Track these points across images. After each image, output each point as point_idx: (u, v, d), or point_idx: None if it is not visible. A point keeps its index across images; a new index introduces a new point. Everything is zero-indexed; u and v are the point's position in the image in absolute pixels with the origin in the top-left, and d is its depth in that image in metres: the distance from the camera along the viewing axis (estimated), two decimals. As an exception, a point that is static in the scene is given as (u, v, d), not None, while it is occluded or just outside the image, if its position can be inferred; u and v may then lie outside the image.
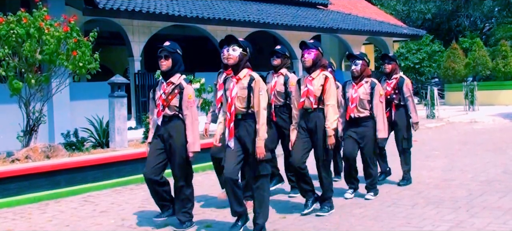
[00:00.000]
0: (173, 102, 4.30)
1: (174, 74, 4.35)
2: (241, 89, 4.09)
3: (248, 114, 4.09)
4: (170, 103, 4.29)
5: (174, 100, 4.30)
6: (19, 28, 6.29)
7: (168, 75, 4.35)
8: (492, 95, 18.29)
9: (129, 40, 12.00)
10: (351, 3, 22.06)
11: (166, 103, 4.29)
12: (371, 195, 5.30)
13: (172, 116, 4.31)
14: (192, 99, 4.31)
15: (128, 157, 6.71)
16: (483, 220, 4.34)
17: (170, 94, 4.29)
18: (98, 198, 5.87)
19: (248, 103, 4.07)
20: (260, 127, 4.03)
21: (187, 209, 4.40)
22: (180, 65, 4.40)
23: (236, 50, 4.09)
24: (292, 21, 14.69)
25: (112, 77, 7.55)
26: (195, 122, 4.31)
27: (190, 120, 4.29)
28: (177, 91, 4.30)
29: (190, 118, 4.29)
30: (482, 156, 7.90)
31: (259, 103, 4.04)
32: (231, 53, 4.09)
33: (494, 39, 25.05)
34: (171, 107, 4.31)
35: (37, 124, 6.77)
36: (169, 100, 4.29)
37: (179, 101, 4.30)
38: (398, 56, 23.56)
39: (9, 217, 5.15)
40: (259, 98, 4.04)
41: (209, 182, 6.56)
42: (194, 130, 4.28)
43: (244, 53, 4.12)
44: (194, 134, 4.28)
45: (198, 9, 13.14)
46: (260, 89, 4.06)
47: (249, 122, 4.09)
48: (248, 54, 4.16)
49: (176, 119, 4.31)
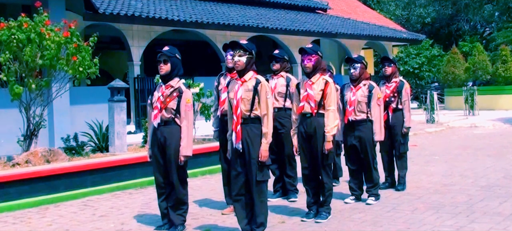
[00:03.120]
0: (170, 105, 4.32)
1: (173, 78, 4.39)
2: (246, 91, 4.08)
3: (250, 118, 4.09)
4: (167, 106, 4.32)
5: (172, 103, 4.32)
6: (20, 33, 6.31)
7: (167, 79, 4.38)
8: (492, 100, 18.31)
9: (129, 45, 12.02)
10: (350, 7, 22.11)
11: (163, 105, 4.31)
12: (372, 200, 5.30)
13: (169, 119, 4.34)
14: (190, 104, 4.33)
15: (128, 161, 6.70)
16: (484, 226, 4.33)
17: (168, 96, 4.32)
18: (98, 203, 5.87)
19: (251, 107, 4.08)
20: (268, 130, 4.07)
21: (181, 212, 4.43)
22: (179, 70, 4.42)
23: (242, 55, 4.12)
24: (291, 26, 14.72)
25: (112, 82, 7.56)
26: (190, 126, 4.34)
27: (186, 124, 4.32)
28: (175, 94, 4.32)
29: (185, 122, 4.32)
30: (482, 161, 7.89)
31: (266, 106, 4.07)
32: (239, 59, 4.11)
33: (494, 44, 25.10)
34: (168, 110, 4.33)
35: (37, 128, 6.77)
36: (167, 103, 4.31)
37: (177, 105, 4.32)
38: (397, 60, 23.62)
39: (9, 221, 5.15)
40: (266, 101, 4.07)
41: (208, 186, 6.56)
42: (188, 134, 4.31)
43: (250, 57, 4.15)
44: (187, 138, 4.31)
45: (198, 14, 13.17)
46: (267, 92, 4.10)
47: (251, 126, 4.08)
48: (254, 57, 4.20)
49: (173, 124, 4.34)
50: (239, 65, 4.11)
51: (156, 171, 4.46)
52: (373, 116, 5.24)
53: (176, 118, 4.34)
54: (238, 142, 4.07)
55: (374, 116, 5.24)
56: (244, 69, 4.11)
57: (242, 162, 4.09)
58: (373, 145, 5.32)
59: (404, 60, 23.16)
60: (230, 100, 4.18)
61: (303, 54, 4.70)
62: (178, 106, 4.31)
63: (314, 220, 4.66)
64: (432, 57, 23.56)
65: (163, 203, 4.46)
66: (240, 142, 4.06)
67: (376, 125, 5.25)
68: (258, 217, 4.09)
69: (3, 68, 6.38)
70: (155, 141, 4.41)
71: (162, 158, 4.39)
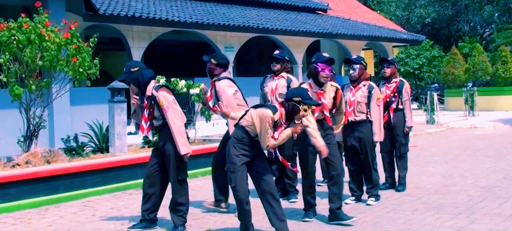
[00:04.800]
0: (155, 113, 4.38)
1: (146, 88, 4.40)
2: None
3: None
4: (154, 115, 4.38)
5: (155, 111, 4.37)
6: (20, 34, 6.31)
7: (143, 92, 4.41)
8: (492, 101, 18.31)
9: (129, 46, 12.02)
10: (350, 8, 22.11)
11: (151, 116, 4.39)
12: (372, 201, 5.30)
13: (161, 124, 4.39)
14: (166, 105, 4.30)
15: (128, 162, 6.70)
16: (484, 227, 4.33)
17: (150, 107, 4.37)
18: (98, 203, 5.87)
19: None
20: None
21: (181, 213, 4.43)
22: (142, 77, 4.39)
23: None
24: (292, 26, 14.72)
25: (112, 83, 7.57)
26: (176, 126, 4.29)
27: (171, 126, 4.30)
28: (153, 102, 4.36)
29: (171, 124, 4.30)
30: (482, 161, 7.89)
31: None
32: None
33: (494, 45, 25.10)
34: (156, 118, 4.40)
35: (38, 129, 6.77)
36: (152, 113, 4.39)
37: (159, 111, 4.35)
38: (397, 61, 23.61)
39: (9, 222, 5.15)
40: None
41: (208, 186, 6.55)
42: (177, 134, 4.29)
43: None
44: (178, 138, 4.29)
45: (198, 14, 13.17)
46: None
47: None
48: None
49: (166, 126, 4.35)
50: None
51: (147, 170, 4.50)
52: (372, 117, 5.24)
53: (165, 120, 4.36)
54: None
55: (373, 116, 5.24)
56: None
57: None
58: (373, 145, 5.32)
59: (404, 61, 23.13)
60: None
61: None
62: (161, 111, 4.33)
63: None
64: (432, 58, 23.54)
65: (145, 205, 4.52)
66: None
67: (375, 125, 5.25)
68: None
69: (3, 69, 6.38)
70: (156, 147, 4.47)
71: (160, 159, 4.42)
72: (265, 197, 4.01)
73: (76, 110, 9.57)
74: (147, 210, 4.53)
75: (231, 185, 4.00)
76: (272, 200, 4.00)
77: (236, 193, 3.95)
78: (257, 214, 4.56)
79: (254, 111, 3.96)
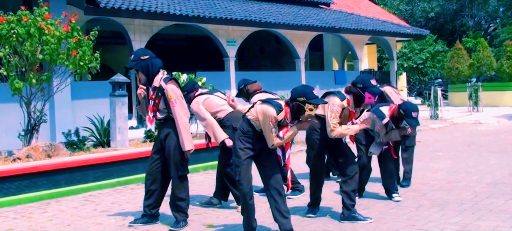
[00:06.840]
0: (160, 106, 4.29)
1: (154, 78, 4.30)
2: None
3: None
4: (159, 108, 4.29)
5: (161, 103, 4.29)
6: (19, 27, 6.25)
7: (150, 82, 4.32)
8: (496, 96, 18.18)
9: (130, 39, 11.95)
10: (353, 2, 21.96)
11: (155, 108, 4.29)
12: (397, 196, 5.22)
13: (164, 118, 4.32)
14: (174, 99, 4.23)
15: (129, 156, 6.66)
16: (490, 223, 4.26)
17: (156, 98, 4.28)
18: (99, 198, 5.83)
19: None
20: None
21: (182, 208, 4.39)
22: (152, 67, 4.31)
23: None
24: (294, 21, 14.62)
25: (113, 77, 7.51)
26: (182, 121, 4.23)
27: (177, 120, 4.24)
28: (160, 94, 4.27)
29: (177, 118, 4.24)
30: (487, 157, 7.82)
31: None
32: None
33: (498, 40, 24.95)
34: (160, 110, 4.31)
35: (38, 123, 6.73)
36: (157, 105, 4.29)
37: (165, 104, 4.27)
38: (400, 56, 23.50)
39: (10, 216, 5.11)
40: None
41: (210, 181, 6.50)
42: (182, 129, 4.23)
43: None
44: (183, 134, 4.23)
45: (200, 8, 13.08)
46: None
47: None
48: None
49: (169, 120, 4.30)
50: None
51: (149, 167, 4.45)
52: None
53: (170, 114, 4.29)
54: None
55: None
56: None
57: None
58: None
59: (408, 55, 23.03)
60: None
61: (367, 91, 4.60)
62: (167, 104, 4.26)
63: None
64: (436, 53, 23.42)
65: (147, 201, 4.47)
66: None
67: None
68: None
69: (3, 62, 6.33)
70: (157, 138, 4.41)
71: (161, 154, 4.37)
72: (270, 192, 3.96)
73: (77, 104, 9.52)
74: (149, 205, 4.49)
75: (235, 178, 3.97)
76: (277, 195, 3.94)
77: (240, 186, 3.92)
78: (259, 210, 4.51)
79: (260, 106, 3.91)
